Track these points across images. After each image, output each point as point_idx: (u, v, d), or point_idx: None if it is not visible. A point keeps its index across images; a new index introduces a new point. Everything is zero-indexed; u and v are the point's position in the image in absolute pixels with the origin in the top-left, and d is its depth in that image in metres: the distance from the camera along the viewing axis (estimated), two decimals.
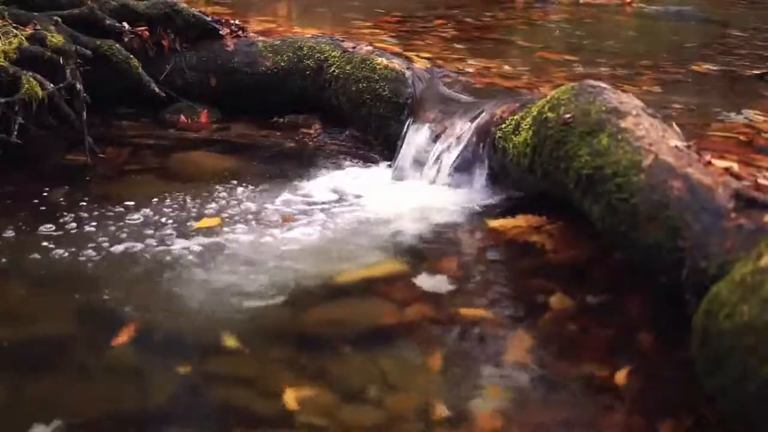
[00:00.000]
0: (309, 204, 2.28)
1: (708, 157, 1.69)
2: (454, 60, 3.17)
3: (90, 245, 1.97)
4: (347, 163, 2.64)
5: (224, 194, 2.31)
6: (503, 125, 2.29)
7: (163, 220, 2.13)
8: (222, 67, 3.00)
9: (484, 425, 1.41)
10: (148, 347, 1.61)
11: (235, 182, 2.40)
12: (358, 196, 2.35)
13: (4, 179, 2.32)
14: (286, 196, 2.33)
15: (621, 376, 1.52)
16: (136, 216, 2.14)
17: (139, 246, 1.98)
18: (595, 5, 5.63)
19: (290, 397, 1.46)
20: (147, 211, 2.18)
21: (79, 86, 2.54)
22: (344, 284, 1.87)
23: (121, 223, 2.09)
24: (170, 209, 2.20)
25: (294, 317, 1.75)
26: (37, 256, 1.92)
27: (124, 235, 2.03)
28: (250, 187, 2.37)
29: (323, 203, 2.29)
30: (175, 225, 2.10)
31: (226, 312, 1.73)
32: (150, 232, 2.06)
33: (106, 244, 1.98)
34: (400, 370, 1.55)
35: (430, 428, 1.40)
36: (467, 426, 1.41)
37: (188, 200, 2.25)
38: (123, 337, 1.62)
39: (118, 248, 1.96)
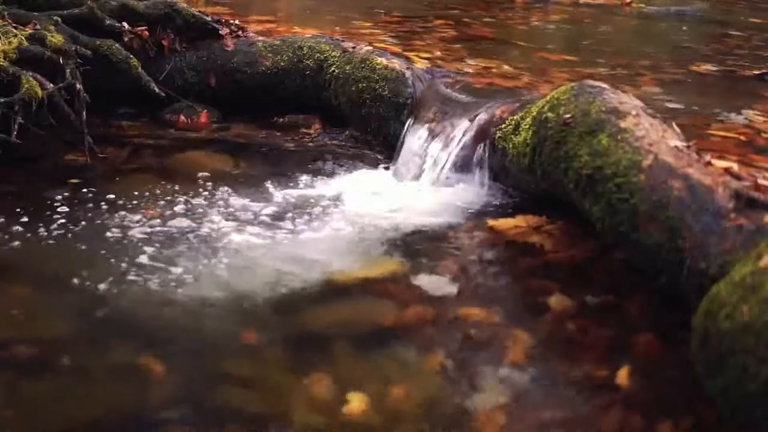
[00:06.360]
0: (309, 204, 2.28)
1: (708, 157, 1.69)
2: (453, 60, 3.17)
3: (90, 245, 1.97)
4: (347, 163, 2.63)
5: (222, 195, 2.31)
6: (503, 125, 2.29)
7: (163, 220, 2.13)
8: (222, 67, 3.00)
9: (483, 425, 1.41)
10: (145, 345, 1.61)
11: (234, 182, 2.40)
12: (357, 196, 2.35)
13: (4, 179, 2.32)
14: (285, 196, 2.33)
15: (620, 376, 1.52)
16: (136, 216, 2.14)
17: (138, 246, 1.98)
18: (594, 5, 5.63)
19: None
20: (147, 211, 2.18)
21: (78, 86, 2.54)
22: (343, 284, 1.87)
23: (121, 223, 2.09)
24: (168, 210, 2.19)
25: (293, 317, 1.75)
26: (36, 256, 1.92)
27: (123, 235, 2.03)
28: (249, 188, 2.37)
29: (323, 203, 2.29)
30: (174, 225, 2.10)
31: (224, 312, 1.73)
32: (150, 232, 2.06)
33: (105, 244, 1.98)
34: (399, 371, 1.55)
35: (429, 428, 1.40)
36: (467, 426, 1.41)
37: (187, 200, 2.25)
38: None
39: (118, 248, 1.96)
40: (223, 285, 1.82)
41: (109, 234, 2.03)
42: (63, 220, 2.09)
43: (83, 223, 2.09)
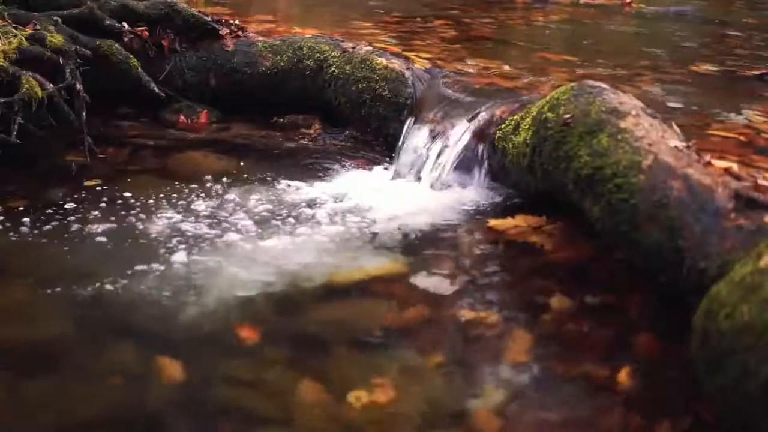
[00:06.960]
0: (309, 204, 2.28)
1: (708, 158, 1.69)
2: (453, 60, 3.16)
3: (90, 245, 1.97)
4: (347, 163, 2.64)
5: (222, 195, 2.31)
6: (503, 125, 2.29)
7: (163, 221, 2.13)
8: (222, 67, 3.00)
9: (483, 425, 1.41)
10: (145, 345, 1.61)
11: (234, 183, 2.40)
12: (357, 197, 2.34)
13: (4, 179, 2.32)
14: (285, 196, 2.33)
15: (620, 376, 1.52)
16: (135, 216, 2.14)
17: (137, 245, 1.98)
18: (594, 5, 5.64)
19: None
20: (146, 211, 2.18)
21: (78, 86, 2.54)
22: (343, 285, 1.87)
23: (120, 223, 2.10)
24: (169, 210, 2.20)
25: (293, 317, 1.75)
26: (36, 255, 1.92)
27: (122, 235, 2.03)
28: (249, 188, 2.37)
29: (323, 204, 2.29)
30: (173, 225, 2.10)
31: (225, 311, 1.73)
32: (149, 231, 2.06)
33: (104, 244, 1.98)
34: (399, 370, 1.55)
35: (429, 428, 1.40)
36: (467, 426, 1.41)
37: (186, 200, 2.25)
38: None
39: (117, 247, 1.97)
40: (222, 284, 1.82)
41: (108, 234, 2.03)
42: (63, 220, 2.09)
43: (83, 222, 2.09)
